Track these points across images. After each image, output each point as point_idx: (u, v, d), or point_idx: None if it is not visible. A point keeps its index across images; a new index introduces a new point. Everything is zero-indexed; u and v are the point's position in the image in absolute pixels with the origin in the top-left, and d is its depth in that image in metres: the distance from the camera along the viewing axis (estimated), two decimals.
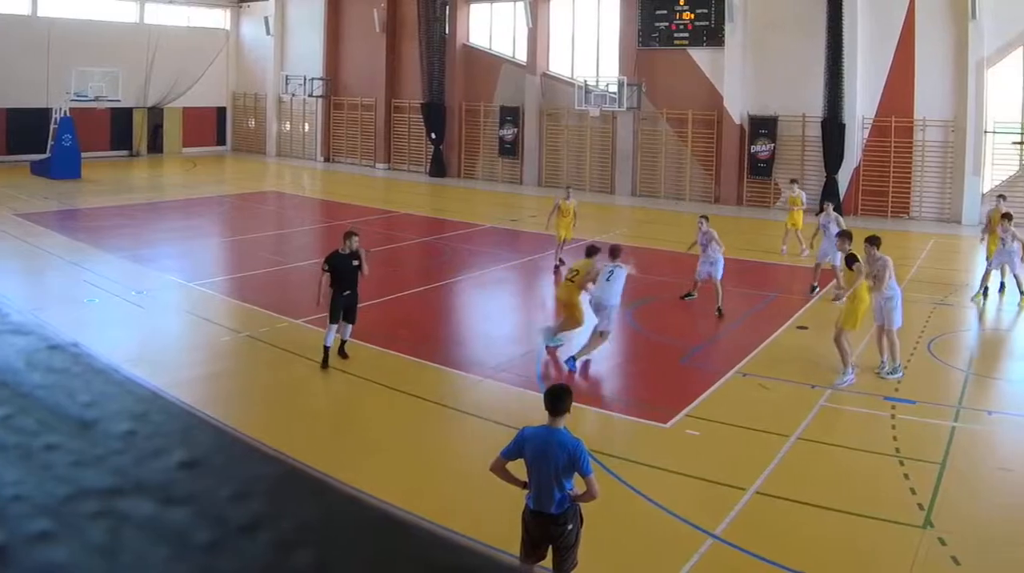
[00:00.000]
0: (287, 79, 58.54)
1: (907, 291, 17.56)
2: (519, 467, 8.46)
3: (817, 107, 38.04)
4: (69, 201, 38.62)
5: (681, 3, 42.65)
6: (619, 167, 45.43)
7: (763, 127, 40.31)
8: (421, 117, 52.11)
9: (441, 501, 11.38)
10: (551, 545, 8.44)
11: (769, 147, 40.16)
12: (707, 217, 22.54)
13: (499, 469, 8.57)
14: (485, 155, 51.30)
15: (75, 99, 48.27)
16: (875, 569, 10.04)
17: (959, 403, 15.28)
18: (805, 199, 29.65)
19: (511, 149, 49.68)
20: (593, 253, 18.17)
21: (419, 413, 14.85)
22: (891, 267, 16.49)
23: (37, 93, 51.02)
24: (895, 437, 13.63)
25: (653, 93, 44.03)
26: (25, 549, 1.21)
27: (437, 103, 51.06)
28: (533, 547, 8.52)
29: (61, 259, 26.16)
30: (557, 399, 8.35)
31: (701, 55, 42.46)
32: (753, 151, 40.63)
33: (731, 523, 10.83)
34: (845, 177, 38.04)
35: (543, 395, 8.50)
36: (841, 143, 37.62)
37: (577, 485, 8.34)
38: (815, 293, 23.00)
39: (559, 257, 26.15)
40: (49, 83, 50.49)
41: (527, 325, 21.57)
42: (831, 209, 24.16)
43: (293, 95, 58.93)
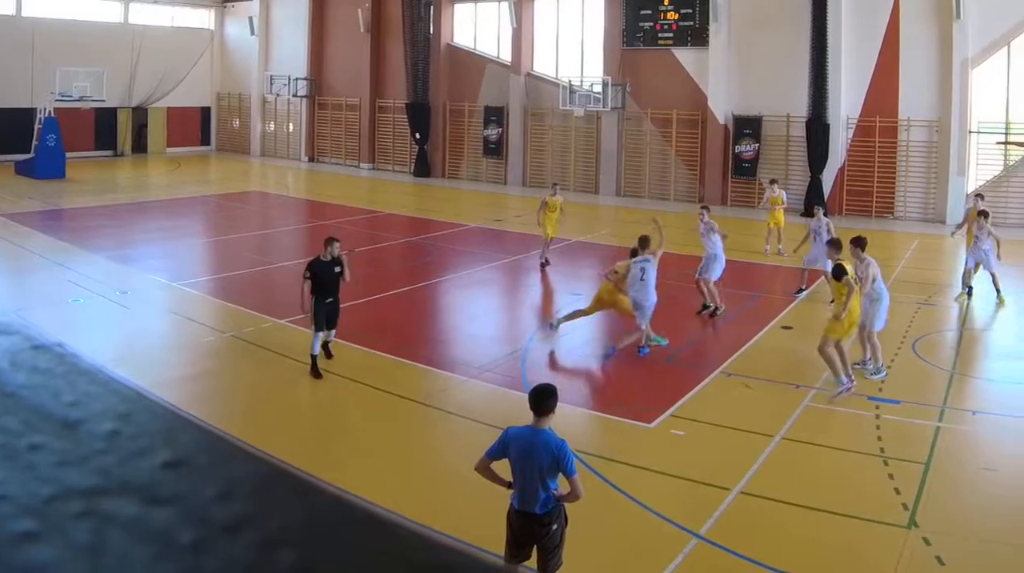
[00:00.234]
0: (271, 79, 58.51)
1: (892, 291, 17.54)
2: (504, 467, 8.45)
3: (801, 107, 38.12)
4: (53, 201, 38.47)
5: (666, 3, 42.74)
6: (603, 167, 45.49)
7: (747, 127, 40.39)
8: (405, 117, 52.08)
9: (426, 501, 11.37)
10: (536, 545, 8.43)
11: (753, 147, 40.24)
12: (708, 207, 22.63)
13: (484, 469, 8.55)
14: (470, 155, 51.29)
15: (59, 99, 48.10)
16: (860, 569, 10.04)
17: (943, 403, 15.31)
18: (786, 198, 29.77)
19: (495, 149, 49.69)
20: (636, 255, 18.40)
21: (404, 413, 14.84)
22: (876, 269, 16.48)
23: (21, 93, 50.96)
24: (880, 437, 13.67)
25: (637, 93, 44.09)
26: (9, 549, 1.22)
27: (421, 103, 51.03)
28: (518, 547, 8.51)
29: (45, 259, 26.08)
30: (542, 399, 8.33)
31: (685, 55, 42.53)
32: (737, 151, 40.69)
33: (716, 523, 10.85)
34: (829, 177, 38.14)
35: (528, 395, 8.48)
36: (825, 143, 37.71)
37: (562, 485, 8.32)
38: (801, 295, 23.03)
39: (545, 256, 26.15)
40: (33, 83, 50.43)
41: (512, 325, 21.62)
42: (822, 214, 24.05)
43: (277, 95, 58.94)
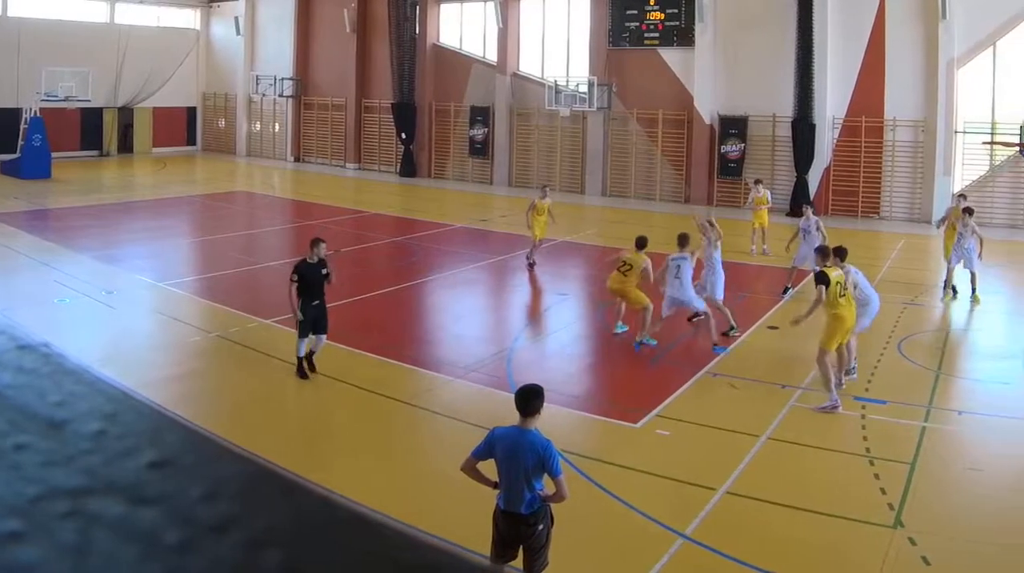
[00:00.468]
0: (257, 79, 58.45)
1: (878, 291, 17.55)
2: (490, 467, 8.46)
3: (787, 107, 38.22)
4: (39, 201, 38.38)
5: (651, 3, 42.82)
6: (590, 167, 45.54)
7: (733, 127, 40.47)
8: (391, 117, 52.03)
9: (412, 501, 11.37)
10: (522, 545, 8.44)
11: (739, 147, 40.31)
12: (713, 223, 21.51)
13: (470, 469, 8.55)
14: (455, 155, 51.27)
15: (45, 99, 47.95)
16: (845, 569, 10.06)
17: (929, 403, 15.34)
18: (771, 198, 29.84)
19: (481, 149, 49.69)
20: (643, 245, 18.67)
21: (390, 413, 14.83)
22: (857, 277, 16.29)
23: (7, 93, 50.84)
24: (865, 437, 13.70)
25: (623, 93, 44.15)
26: None
27: (407, 103, 50.99)
28: (504, 547, 8.52)
29: (31, 259, 26.01)
30: (528, 399, 8.33)
31: (671, 55, 42.59)
32: (723, 151, 40.76)
33: (701, 523, 10.87)
34: (815, 177, 38.25)
35: (514, 395, 8.47)
36: (811, 143, 37.82)
37: (547, 486, 8.33)
38: (787, 294, 23.09)
39: (532, 257, 26.13)
40: (19, 83, 50.29)
41: (498, 325, 21.61)
42: (811, 213, 23.93)
43: (263, 95, 58.92)
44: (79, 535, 10.00)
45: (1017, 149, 32.14)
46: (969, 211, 22.78)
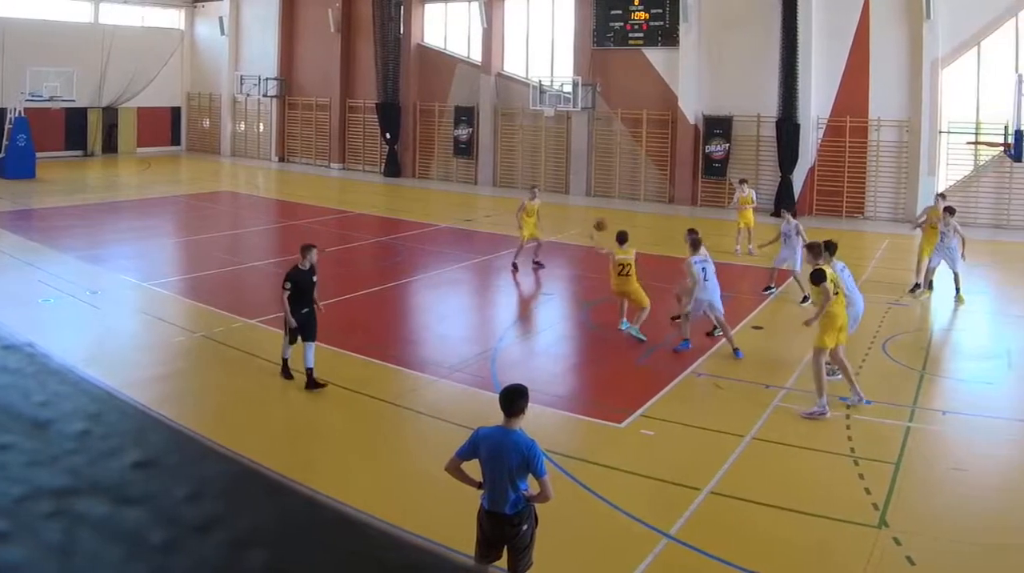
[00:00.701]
0: (242, 79, 58.37)
1: (862, 291, 17.58)
2: (474, 467, 8.46)
3: (772, 107, 38.27)
4: (23, 201, 38.24)
5: (636, 3, 42.84)
6: (574, 167, 45.55)
7: (718, 127, 40.51)
8: (376, 117, 51.98)
9: (396, 501, 11.36)
10: (506, 545, 8.44)
11: (724, 147, 40.35)
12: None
13: (454, 469, 8.54)
14: (440, 155, 51.23)
15: (30, 99, 47.74)
16: (830, 569, 10.09)
17: (913, 403, 15.39)
18: (756, 197, 29.87)
19: (466, 149, 49.66)
20: (625, 240, 19.17)
21: (374, 413, 14.81)
22: (840, 274, 16.37)
23: None
24: (850, 437, 13.73)
25: (608, 93, 44.18)
26: None
27: (392, 103, 50.96)
28: (488, 547, 8.52)
29: (15, 259, 25.91)
30: (512, 400, 8.33)
31: (656, 55, 42.62)
32: (708, 151, 40.79)
33: (686, 523, 10.89)
34: (800, 177, 38.28)
35: (498, 395, 8.47)
36: (796, 143, 37.86)
37: (532, 486, 8.33)
38: (770, 294, 23.13)
39: (517, 258, 26.10)
40: (3, 83, 50.12)
41: (482, 325, 21.61)
42: (790, 216, 23.85)
43: (248, 95, 58.82)
44: (64, 535, 9.98)
45: (1001, 149, 32.17)
46: (951, 210, 22.82)
